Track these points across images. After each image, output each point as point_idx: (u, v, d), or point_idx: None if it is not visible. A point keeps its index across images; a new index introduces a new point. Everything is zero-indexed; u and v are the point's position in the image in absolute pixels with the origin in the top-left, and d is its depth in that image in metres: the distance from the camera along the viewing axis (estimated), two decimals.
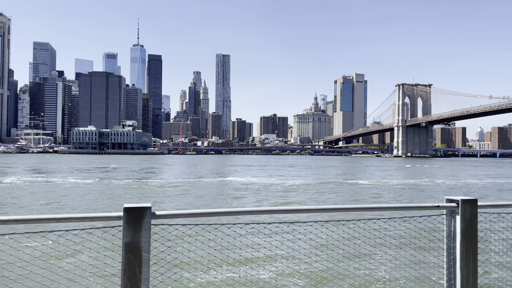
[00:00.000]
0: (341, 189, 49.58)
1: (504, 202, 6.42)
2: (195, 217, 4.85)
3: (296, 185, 54.04)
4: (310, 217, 16.54)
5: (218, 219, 15.26)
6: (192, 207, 32.76)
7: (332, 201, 38.63)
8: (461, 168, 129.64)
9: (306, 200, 38.51)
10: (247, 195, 41.76)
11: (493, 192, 48.56)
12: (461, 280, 5.66)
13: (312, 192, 45.81)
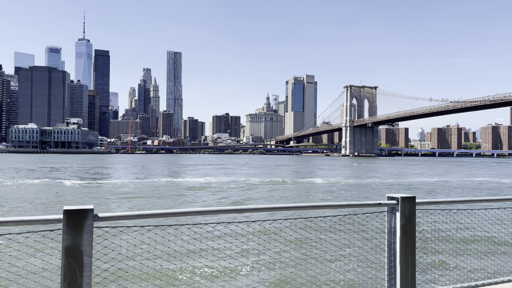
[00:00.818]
0: (291, 188, 50.47)
1: (440, 199, 6.84)
2: (140, 219, 4.72)
3: (249, 184, 54.29)
4: (259, 216, 16.68)
5: (165, 220, 14.96)
6: (138, 208, 31.88)
7: (283, 200, 39.23)
8: (403, 166, 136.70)
9: (257, 199, 38.80)
10: (199, 195, 41.34)
11: (430, 190, 51.61)
12: (401, 274, 5.96)
13: (264, 190, 46.24)
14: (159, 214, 4.92)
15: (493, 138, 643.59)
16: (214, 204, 34.57)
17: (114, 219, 4.59)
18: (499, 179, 73.20)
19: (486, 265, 12.17)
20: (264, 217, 6.20)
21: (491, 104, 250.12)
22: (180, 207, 30.93)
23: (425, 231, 7.53)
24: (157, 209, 5.15)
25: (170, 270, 11.28)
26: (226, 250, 12.82)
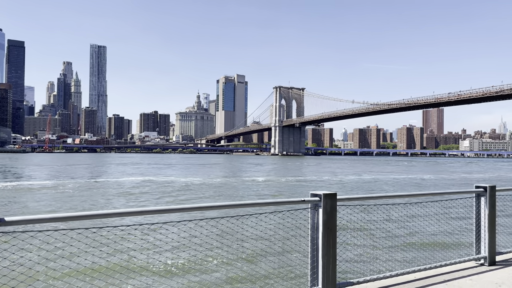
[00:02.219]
0: (221, 187, 50.46)
1: (360, 195, 7.25)
2: (52, 222, 4.37)
3: (179, 184, 53.25)
4: (183, 216, 16.43)
5: (81, 223, 14.12)
6: (51, 211, 29.68)
7: (211, 199, 39.05)
8: (328, 165, 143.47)
9: (186, 199, 38.22)
10: (119, 196, 39.64)
11: (351, 186, 54.75)
12: (322, 268, 6.21)
13: (193, 190, 45.65)
14: (76, 217, 4.61)
15: (407, 138, 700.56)
16: (128, 206, 33.38)
17: (22, 223, 4.21)
18: (413, 176, 79.90)
19: (402, 257, 13.17)
20: (187, 217, 6.11)
21: (406, 107, 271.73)
22: (98, 210, 29.35)
23: (345, 226, 7.92)
24: (74, 212, 4.82)
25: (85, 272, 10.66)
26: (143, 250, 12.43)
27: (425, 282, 7.30)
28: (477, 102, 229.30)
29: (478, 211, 8.63)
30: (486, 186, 8.56)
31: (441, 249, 12.05)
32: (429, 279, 7.44)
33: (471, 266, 8.40)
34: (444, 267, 8.07)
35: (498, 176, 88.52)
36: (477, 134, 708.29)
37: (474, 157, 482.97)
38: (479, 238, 8.60)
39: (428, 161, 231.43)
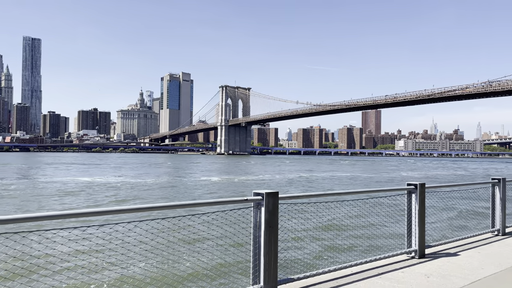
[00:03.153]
0: (164, 187, 49.42)
1: (301, 194, 7.44)
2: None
3: (117, 184, 51.31)
4: (127, 217, 15.91)
5: (18, 226, 13.22)
6: None
7: (152, 199, 38.14)
8: (273, 164, 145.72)
9: (129, 200, 36.98)
10: (50, 198, 37.51)
11: (294, 184, 56.09)
12: (264, 265, 6.31)
13: (136, 191, 44.27)
14: (14, 219, 4.32)
15: (347, 138, 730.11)
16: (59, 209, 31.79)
17: None
18: (351, 174, 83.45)
19: (340, 252, 13.71)
20: (130, 218, 5.93)
21: (346, 108, 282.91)
22: (36, 212, 27.57)
23: (287, 224, 8.10)
24: (11, 214, 4.50)
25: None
26: (93, 253, 11.90)
27: (362, 275, 7.67)
28: (411, 104, 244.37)
29: (409, 207, 9.20)
30: (416, 184, 9.15)
31: (376, 243, 12.74)
32: (365, 273, 7.83)
33: (403, 259, 8.95)
34: (378, 260, 8.53)
35: (431, 174, 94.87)
36: (411, 134, 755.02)
37: (408, 156, 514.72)
38: (410, 233, 9.18)
39: (366, 160, 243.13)
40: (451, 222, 14.80)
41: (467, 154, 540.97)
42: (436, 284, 7.30)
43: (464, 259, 9.06)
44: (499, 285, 7.40)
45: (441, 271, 8.12)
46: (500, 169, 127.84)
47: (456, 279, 7.61)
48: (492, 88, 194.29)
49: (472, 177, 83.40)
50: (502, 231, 11.76)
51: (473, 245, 10.51)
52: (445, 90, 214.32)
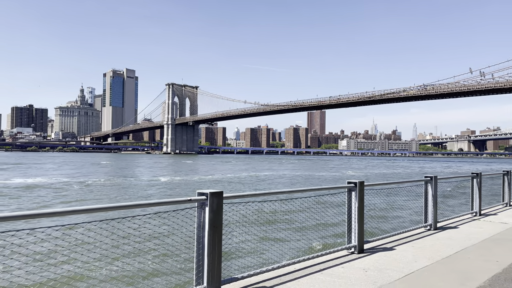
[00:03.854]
0: (103, 188, 47.50)
1: (246, 193, 7.46)
2: None
3: (53, 185, 48.48)
4: (63, 220, 15.10)
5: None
6: None
7: (91, 200, 36.55)
8: (220, 163, 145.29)
9: (67, 202, 35.09)
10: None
11: (240, 183, 56.37)
12: (208, 266, 6.26)
13: (71, 192, 42.11)
14: None
15: (294, 138, 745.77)
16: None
17: None
18: (297, 173, 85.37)
19: (285, 250, 13.95)
20: (68, 221, 5.62)
21: (293, 108, 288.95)
22: None
23: (232, 223, 8.10)
24: None
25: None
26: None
27: (304, 272, 7.86)
28: (354, 105, 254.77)
29: (349, 205, 9.56)
30: (356, 182, 9.53)
31: (320, 240, 13.14)
32: (307, 269, 8.03)
33: (344, 254, 9.30)
34: (320, 257, 8.79)
35: (372, 172, 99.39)
36: (353, 134, 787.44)
37: (351, 155, 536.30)
38: (350, 229, 9.55)
39: (312, 159, 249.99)
40: (388, 218, 15.60)
41: (404, 154, 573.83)
42: (373, 278, 7.65)
43: (400, 253, 9.58)
44: (430, 276, 7.91)
45: (378, 265, 8.53)
46: (434, 168, 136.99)
47: (392, 272, 8.03)
48: (427, 92, 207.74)
49: (409, 175, 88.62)
50: (434, 226, 12.60)
51: (407, 239, 11.16)
52: (384, 93, 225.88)
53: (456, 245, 10.52)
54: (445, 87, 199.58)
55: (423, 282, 7.53)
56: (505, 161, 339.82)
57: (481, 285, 7.34)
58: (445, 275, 7.97)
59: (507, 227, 13.36)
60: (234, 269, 9.27)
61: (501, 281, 7.56)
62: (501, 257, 9.37)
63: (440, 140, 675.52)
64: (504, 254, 9.62)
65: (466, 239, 11.26)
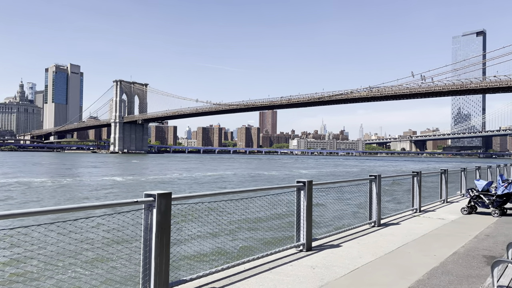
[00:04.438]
0: (44, 190, 44.99)
1: (195, 194, 7.35)
2: None
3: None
4: (2, 225, 14.11)
5: None
6: None
7: (30, 203, 34.50)
8: (170, 163, 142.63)
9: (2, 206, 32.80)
10: None
11: (189, 184, 55.73)
12: (155, 269, 6.09)
13: (14, 194, 39.46)
14: None
15: (246, 137, 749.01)
16: None
17: None
18: (249, 172, 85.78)
19: (235, 250, 13.95)
20: (2, 226, 5.22)
21: (245, 108, 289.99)
22: None
23: (181, 225, 7.96)
24: None
25: None
26: None
27: (254, 271, 7.89)
28: (304, 106, 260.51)
29: (298, 203, 9.73)
30: (305, 181, 9.72)
31: (270, 239, 13.29)
32: (256, 268, 8.08)
33: (293, 252, 9.45)
34: (270, 256, 8.87)
35: (321, 171, 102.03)
36: (304, 134, 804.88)
37: (301, 154, 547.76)
38: (299, 227, 9.72)
39: (263, 158, 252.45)
40: (335, 216, 16.06)
41: (352, 153, 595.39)
42: (321, 275, 7.85)
43: (346, 250, 9.91)
44: (374, 271, 8.25)
45: (325, 262, 8.76)
46: (378, 166, 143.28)
47: (338, 269, 8.28)
48: (373, 94, 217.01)
49: (356, 173, 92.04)
50: (377, 223, 13.16)
51: (353, 236, 11.56)
52: (333, 94, 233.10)
53: (398, 241, 11.05)
54: (389, 90, 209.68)
55: (367, 277, 7.83)
56: (443, 160, 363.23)
57: (420, 278, 7.76)
58: (387, 270, 8.35)
59: (444, 222, 14.26)
60: (183, 271, 9.12)
61: (439, 274, 8.04)
62: (438, 251, 9.97)
63: (385, 140, 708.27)
64: (441, 249, 10.24)
65: (407, 235, 11.87)
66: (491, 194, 15.98)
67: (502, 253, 9.44)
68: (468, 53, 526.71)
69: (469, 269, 8.42)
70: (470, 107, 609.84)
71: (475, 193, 16.32)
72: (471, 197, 16.43)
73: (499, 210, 15.56)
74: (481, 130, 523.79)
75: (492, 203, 15.75)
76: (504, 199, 15.73)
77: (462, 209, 16.53)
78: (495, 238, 11.65)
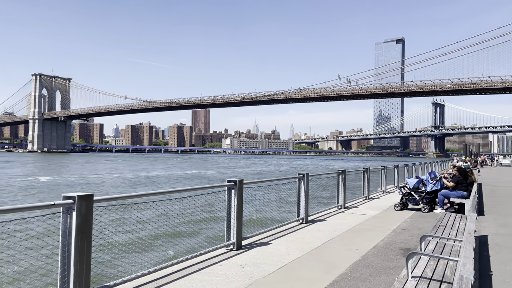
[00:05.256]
0: None
1: (118, 195, 7.00)
2: None
3: None
4: None
5: None
6: None
7: None
8: (96, 163, 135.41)
9: None
10: None
11: (115, 185, 53.47)
12: (74, 276, 5.70)
13: None
14: None
15: (178, 136, 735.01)
16: None
17: None
18: (178, 171, 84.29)
19: (163, 253, 13.58)
20: None
21: (177, 106, 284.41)
22: None
23: (103, 228, 7.55)
24: None
25: None
26: None
27: (182, 273, 7.73)
28: (237, 105, 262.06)
29: (229, 203, 9.72)
30: (236, 180, 9.73)
31: (200, 240, 13.13)
32: (185, 270, 7.92)
33: (223, 252, 9.42)
34: (199, 256, 8.76)
35: (254, 170, 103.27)
36: (236, 133, 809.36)
37: (234, 154, 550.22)
38: (230, 226, 9.72)
39: (196, 157, 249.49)
40: (266, 214, 16.34)
41: (283, 152, 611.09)
42: (250, 273, 7.91)
43: (275, 247, 10.10)
44: (301, 267, 8.50)
45: (254, 260, 8.85)
46: (308, 165, 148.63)
47: (267, 266, 8.41)
48: (302, 95, 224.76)
49: (287, 172, 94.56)
50: (305, 220, 13.60)
51: (282, 233, 11.83)
52: (265, 94, 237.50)
53: (324, 237, 11.52)
54: (318, 91, 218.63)
55: (294, 273, 8.05)
56: (366, 158, 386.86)
57: (344, 272, 8.15)
58: (313, 265, 8.65)
59: (366, 218, 15.14)
60: (107, 277, 8.67)
61: (360, 267, 8.50)
62: (360, 245, 10.55)
63: (313, 140, 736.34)
64: (363, 243, 10.85)
65: (332, 231, 12.41)
66: (421, 191, 17.04)
67: (417, 245, 10.23)
68: (389, 59, 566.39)
69: (387, 261, 9.01)
70: (390, 109, 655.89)
71: (407, 191, 17.33)
72: (403, 194, 17.41)
73: (428, 206, 16.66)
74: (399, 131, 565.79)
75: (422, 200, 16.84)
76: (432, 196, 16.91)
77: (395, 205, 17.50)
78: (410, 231, 12.61)
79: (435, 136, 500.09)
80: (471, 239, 5.81)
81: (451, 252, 7.33)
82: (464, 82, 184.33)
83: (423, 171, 37.29)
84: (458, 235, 8.75)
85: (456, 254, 7.05)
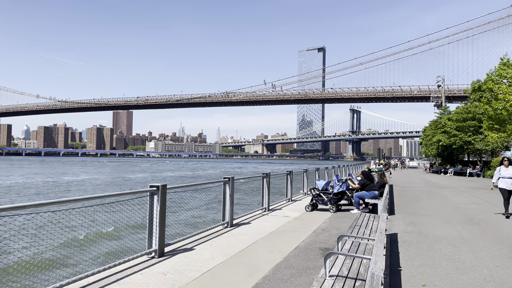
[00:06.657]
0: None
1: (26, 203, 6.36)
2: None
3: None
4: None
5: None
6: None
7: None
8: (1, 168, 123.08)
9: None
10: None
11: (22, 193, 49.19)
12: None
13: None
14: None
15: (97, 138, 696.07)
16: None
17: None
18: (96, 176, 79.74)
19: (77, 265, 12.70)
20: None
21: (96, 107, 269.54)
22: None
23: (3, 243, 6.81)
24: None
25: None
26: None
27: (98, 284, 7.27)
28: (162, 107, 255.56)
29: (151, 208, 9.35)
30: (158, 185, 9.41)
31: (120, 248, 12.46)
32: (102, 281, 7.46)
33: (144, 260, 9.05)
34: (118, 266, 8.31)
35: (178, 175, 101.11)
36: (161, 136, 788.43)
37: (159, 157, 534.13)
38: (151, 233, 9.36)
39: (117, 161, 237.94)
40: (191, 219, 16.08)
41: (209, 155, 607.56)
42: (172, 280, 7.69)
43: (199, 253, 9.95)
44: (225, 272, 8.46)
45: (177, 267, 8.62)
46: (234, 168, 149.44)
47: (190, 273, 8.24)
48: (229, 99, 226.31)
49: (214, 175, 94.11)
50: (230, 223, 13.62)
51: (207, 238, 11.70)
52: (192, 97, 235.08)
53: (248, 240, 11.61)
54: (244, 95, 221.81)
55: (217, 278, 7.98)
56: (290, 162, 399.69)
57: (267, 274, 8.27)
58: (237, 269, 8.66)
59: (289, 219, 15.58)
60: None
61: (282, 269, 8.69)
62: (283, 247, 10.80)
63: (240, 143, 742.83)
64: (285, 244, 11.13)
65: (256, 234, 12.57)
66: (329, 192, 18.09)
67: (334, 245, 10.75)
68: (311, 66, 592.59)
69: (308, 261, 9.34)
70: (312, 115, 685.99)
71: (316, 192, 18.27)
72: (313, 196, 18.34)
73: (335, 207, 17.75)
74: (320, 135, 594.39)
75: (330, 201, 17.84)
76: (339, 197, 18.05)
77: (306, 206, 18.36)
78: (329, 231, 13.22)
79: (352, 141, 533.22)
80: (382, 238, 6.24)
81: (365, 250, 7.81)
82: (378, 91, 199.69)
83: (341, 174, 39.46)
84: (371, 234, 9.36)
85: (370, 252, 7.51)
